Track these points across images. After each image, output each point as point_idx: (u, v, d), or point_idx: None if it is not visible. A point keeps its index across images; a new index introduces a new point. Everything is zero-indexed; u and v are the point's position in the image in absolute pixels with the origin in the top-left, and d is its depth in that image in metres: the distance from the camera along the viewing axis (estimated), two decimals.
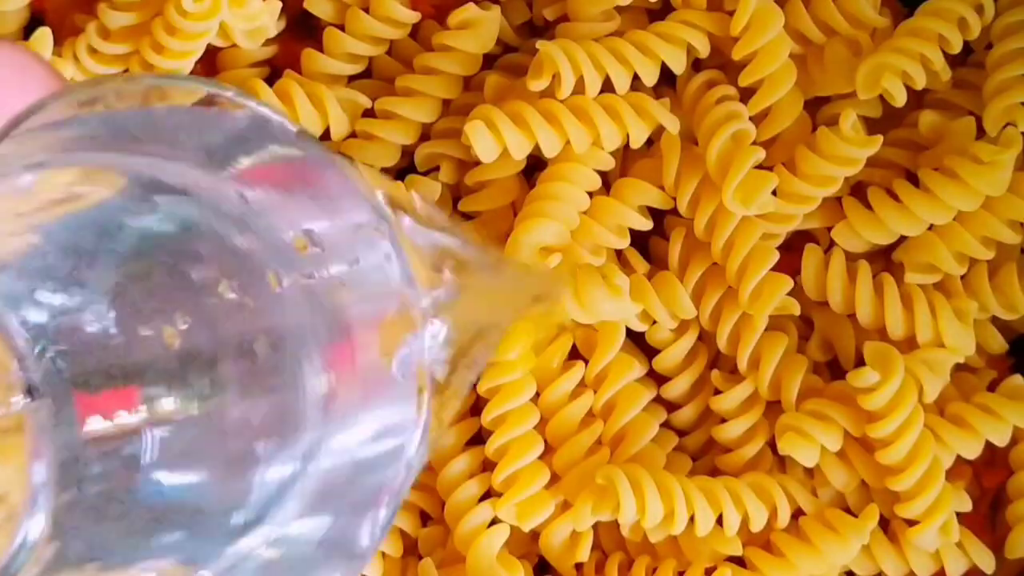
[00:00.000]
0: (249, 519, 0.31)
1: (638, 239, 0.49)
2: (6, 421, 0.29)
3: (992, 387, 0.48)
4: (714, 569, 0.46)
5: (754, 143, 0.46)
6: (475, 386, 0.47)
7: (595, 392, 0.48)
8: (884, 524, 0.46)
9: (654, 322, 0.48)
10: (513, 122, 0.46)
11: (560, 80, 0.46)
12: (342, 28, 0.49)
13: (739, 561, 0.46)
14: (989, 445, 0.46)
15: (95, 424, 0.29)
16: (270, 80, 0.49)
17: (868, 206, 0.47)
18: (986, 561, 0.46)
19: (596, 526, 0.47)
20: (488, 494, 0.47)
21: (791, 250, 0.48)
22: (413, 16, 0.49)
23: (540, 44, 0.46)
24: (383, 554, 0.47)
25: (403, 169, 0.50)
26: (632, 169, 0.48)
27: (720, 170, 0.46)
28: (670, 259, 0.48)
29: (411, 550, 0.48)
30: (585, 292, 0.46)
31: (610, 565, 0.47)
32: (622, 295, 0.46)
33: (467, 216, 0.49)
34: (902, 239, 0.47)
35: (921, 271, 0.47)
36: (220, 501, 0.32)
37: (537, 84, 0.46)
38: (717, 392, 0.48)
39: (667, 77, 0.48)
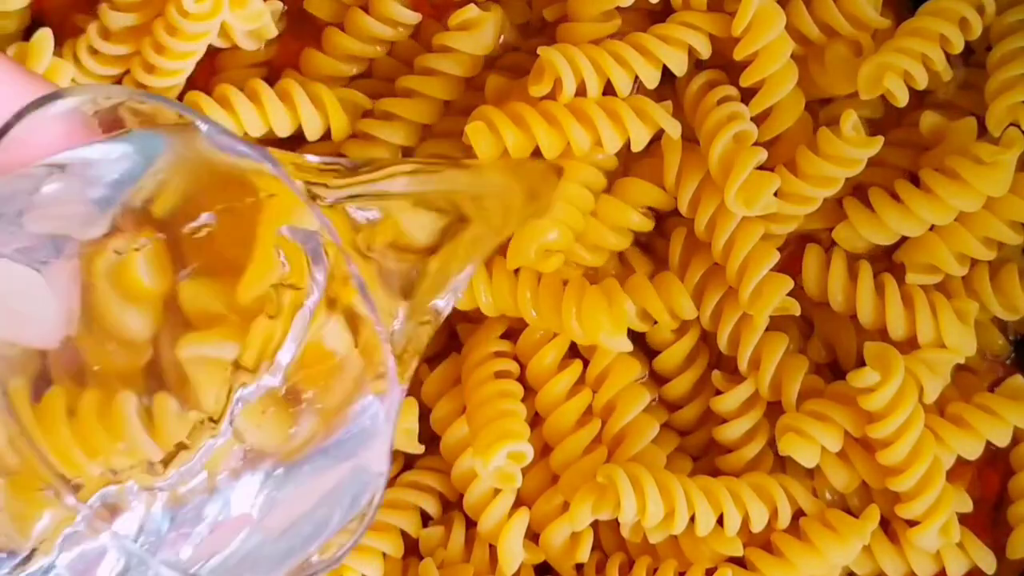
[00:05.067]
0: None
1: (639, 239, 0.49)
2: None
3: (993, 388, 0.48)
4: (715, 570, 0.46)
5: (755, 144, 0.46)
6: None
7: (595, 392, 0.48)
8: (885, 524, 0.46)
9: (655, 323, 0.48)
10: (514, 123, 0.46)
11: (561, 85, 0.46)
12: (342, 28, 0.50)
13: (740, 562, 0.46)
14: (990, 445, 0.46)
15: None
16: (270, 80, 0.49)
17: (869, 206, 0.47)
18: (987, 561, 0.46)
19: (596, 527, 0.47)
20: None
21: (792, 250, 0.48)
22: (414, 17, 0.49)
23: (541, 49, 0.46)
24: (384, 555, 0.48)
25: None
26: (633, 169, 0.48)
27: (722, 171, 0.46)
28: (671, 259, 0.48)
29: (412, 551, 0.48)
30: (588, 316, 0.46)
31: (611, 566, 0.47)
32: (623, 325, 0.46)
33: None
34: (903, 239, 0.47)
35: (922, 272, 0.47)
36: None
37: (539, 90, 0.46)
38: (718, 393, 0.48)
39: (669, 78, 0.48)
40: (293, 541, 0.35)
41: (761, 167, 0.46)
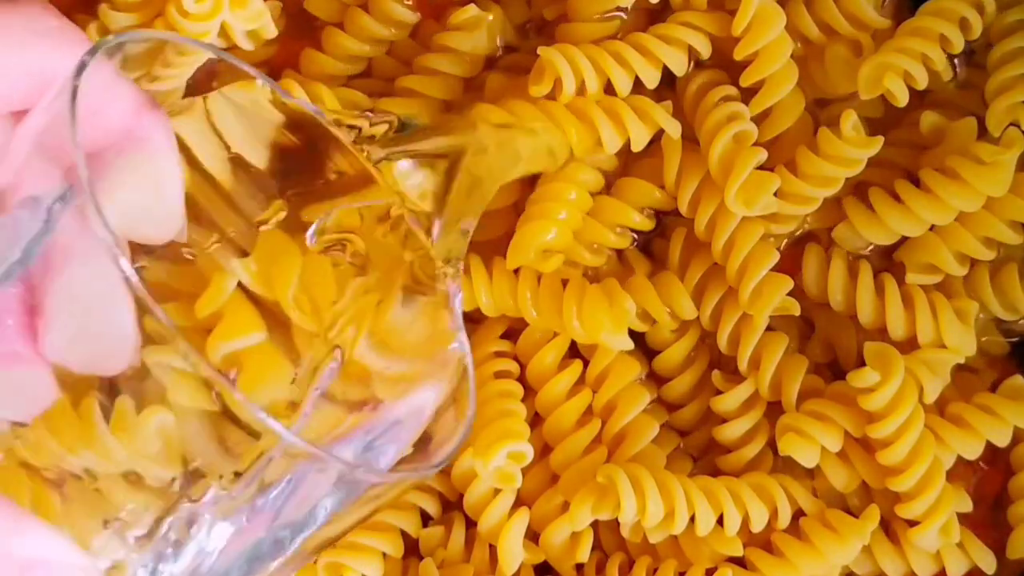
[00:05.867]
0: None
1: (639, 239, 0.49)
2: None
3: (993, 388, 0.48)
4: (715, 570, 0.46)
5: (755, 144, 0.46)
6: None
7: (595, 392, 0.48)
8: (885, 524, 0.46)
9: (654, 323, 0.48)
10: None
11: (561, 85, 0.46)
12: (342, 28, 0.49)
13: (740, 562, 0.46)
14: (990, 446, 0.46)
15: None
16: None
17: (869, 206, 0.47)
18: (987, 562, 0.46)
19: (596, 527, 0.47)
20: None
21: (792, 250, 0.48)
22: (413, 16, 0.49)
23: (541, 49, 0.46)
24: (384, 555, 0.48)
25: None
26: (633, 169, 0.48)
27: (722, 171, 0.46)
28: (670, 259, 0.48)
29: (412, 551, 0.48)
30: (589, 315, 0.46)
31: (611, 566, 0.47)
32: (624, 323, 0.46)
33: None
34: (903, 239, 0.47)
35: (922, 272, 0.47)
36: None
37: (539, 90, 0.46)
38: (718, 393, 0.48)
39: (669, 78, 0.48)
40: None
41: (761, 167, 0.46)
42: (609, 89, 0.47)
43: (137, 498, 0.33)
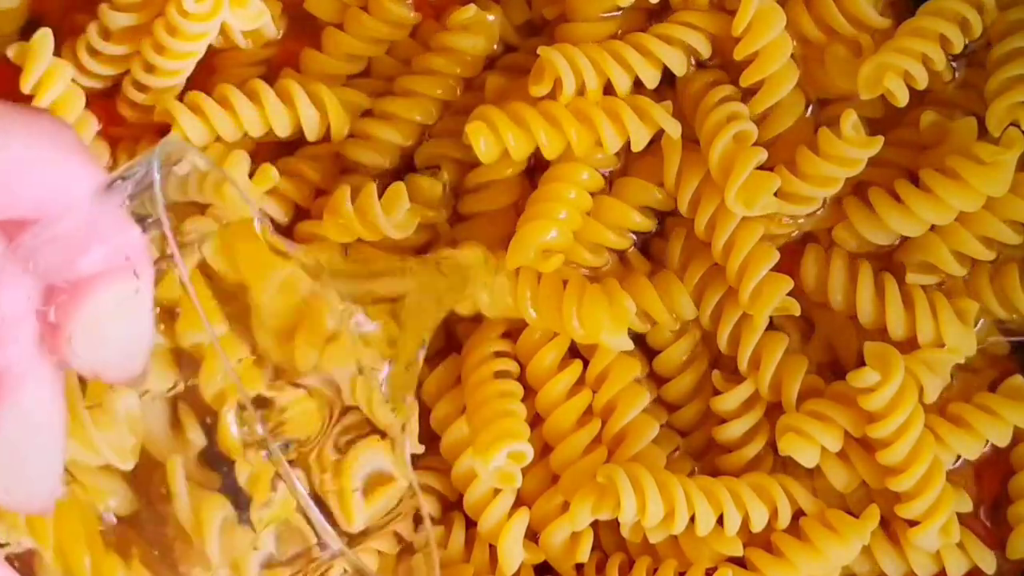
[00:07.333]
0: None
1: (638, 240, 0.49)
2: None
3: (993, 388, 0.48)
4: (715, 570, 0.46)
5: (755, 144, 0.46)
6: None
7: (595, 392, 0.48)
8: (885, 524, 0.46)
9: (654, 323, 0.48)
10: (514, 123, 0.46)
11: (561, 85, 0.46)
12: (342, 28, 0.50)
13: (740, 562, 0.46)
14: (990, 445, 0.46)
15: None
16: (269, 80, 0.49)
17: (869, 206, 0.47)
18: (987, 561, 0.46)
19: (596, 527, 0.47)
20: None
21: (792, 250, 0.48)
22: (413, 16, 0.49)
23: (541, 49, 0.46)
24: (380, 553, 0.47)
25: (404, 170, 0.50)
26: (633, 169, 0.48)
27: (722, 171, 0.46)
28: (670, 259, 0.48)
29: (411, 550, 0.48)
30: (589, 314, 0.46)
31: (610, 566, 0.47)
32: (624, 323, 0.46)
33: (467, 217, 0.49)
34: (903, 239, 0.47)
35: (922, 272, 0.47)
36: None
37: (539, 90, 0.46)
38: (718, 392, 0.48)
39: (669, 78, 0.48)
40: None
41: (761, 167, 0.46)
42: (609, 89, 0.47)
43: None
